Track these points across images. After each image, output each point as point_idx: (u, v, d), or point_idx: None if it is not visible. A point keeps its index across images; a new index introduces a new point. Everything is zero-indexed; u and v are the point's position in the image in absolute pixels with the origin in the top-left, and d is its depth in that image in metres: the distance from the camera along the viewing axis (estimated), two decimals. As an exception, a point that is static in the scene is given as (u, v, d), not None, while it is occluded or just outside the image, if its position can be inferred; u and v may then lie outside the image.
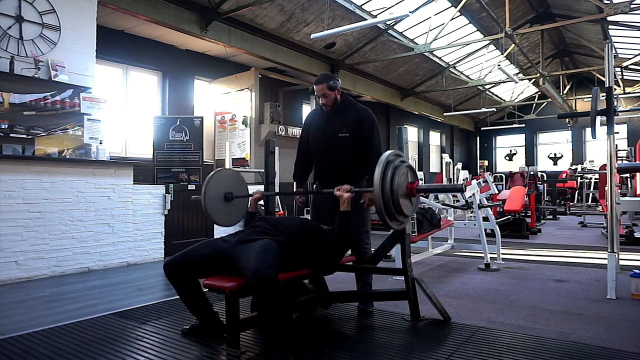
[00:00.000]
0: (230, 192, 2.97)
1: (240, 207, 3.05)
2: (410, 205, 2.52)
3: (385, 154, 2.41)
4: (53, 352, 2.24)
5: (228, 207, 2.96)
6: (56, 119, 4.63)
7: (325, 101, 2.97)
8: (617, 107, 3.65)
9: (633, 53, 11.91)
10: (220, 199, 2.93)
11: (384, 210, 2.32)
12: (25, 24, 4.45)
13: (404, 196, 2.43)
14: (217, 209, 2.89)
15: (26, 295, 3.54)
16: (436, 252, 4.87)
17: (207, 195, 2.83)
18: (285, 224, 2.51)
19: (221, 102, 8.92)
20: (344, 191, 2.56)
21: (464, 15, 9.82)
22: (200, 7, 6.99)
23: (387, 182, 2.33)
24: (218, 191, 2.92)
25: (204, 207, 2.83)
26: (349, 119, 2.98)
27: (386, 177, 2.33)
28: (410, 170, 2.51)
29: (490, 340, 2.39)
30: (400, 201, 2.37)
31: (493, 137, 19.90)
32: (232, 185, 3.02)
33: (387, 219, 2.36)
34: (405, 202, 2.44)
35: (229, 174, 3.11)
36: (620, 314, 2.90)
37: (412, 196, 2.51)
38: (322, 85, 2.94)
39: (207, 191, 2.83)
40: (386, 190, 2.32)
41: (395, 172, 2.38)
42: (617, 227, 3.51)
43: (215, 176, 2.91)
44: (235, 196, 2.99)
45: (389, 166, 2.38)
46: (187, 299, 2.41)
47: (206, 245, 2.42)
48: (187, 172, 6.81)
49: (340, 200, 2.56)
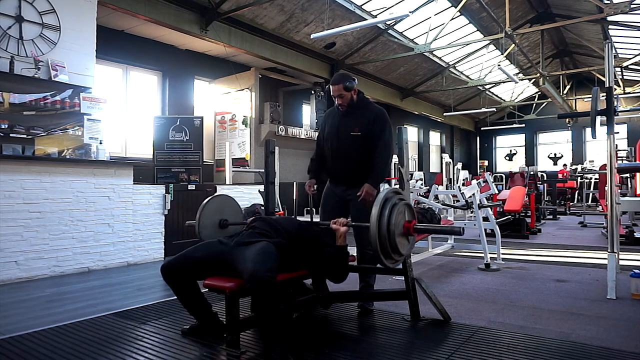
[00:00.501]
0: (225, 218, 2.99)
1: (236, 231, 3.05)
2: (406, 244, 2.48)
3: (383, 193, 2.38)
4: (53, 352, 2.24)
5: (223, 234, 2.94)
6: (56, 119, 4.63)
7: (342, 101, 2.98)
8: (617, 107, 3.65)
9: (633, 53, 11.90)
10: (215, 226, 2.95)
11: (379, 249, 2.28)
12: (25, 24, 4.45)
13: (401, 235, 2.39)
14: (212, 237, 2.87)
15: (26, 295, 3.54)
16: (436, 252, 4.88)
17: (202, 223, 2.85)
18: (283, 225, 2.50)
19: (221, 102, 8.92)
20: (340, 225, 2.53)
21: (464, 15, 9.82)
22: (200, 7, 6.99)
23: (384, 221, 2.29)
24: (213, 218, 2.93)
25: (198, 235, 2.84)
26: (363, 118, 2.98)
27: (383, 216, 2.29)
28: (407, 209, 2.47)
29: (490, 340, 2.39)
30: (396, 240, 2.34)
31: (493, 137, 19.90)
32: (227, 212, 3.03)
33: (383, 258, 2.31)
34: (401, 241, 2.40)
35: (224, 200, 3.11)
36: (620, 314, 2.90)
37: (409, 235, 2.47)
38: (339, 86, 2.94)
39: (202, 219, 2.85)
40: (383, 228, 2.28)
41: (393, 210, 2.33)
42: (617, 227, 3.51)
43: (209, 203, 2.93)
44: (230, 223, 3.00)
45: (386, 204, 2.33)
46: (185, 300, 2.40)
47: (203, 248, 2.41)
48: (187, 172, 6.81)
49: (336, 234, 2.52)
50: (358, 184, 2.98)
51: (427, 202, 5.62)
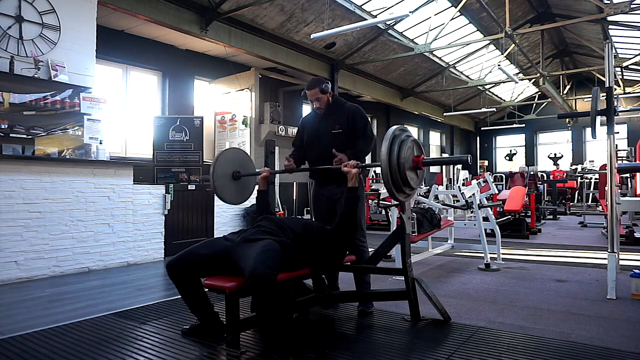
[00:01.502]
0: (238, 170, 3.03)
1: (249, 185, 3.13)
2: (416, 178, 2.59)
3: (391, 129, 2.48)
4: (53, 352, 2.24)
5: (236, 185, 3.03)
6: (56, 119, 4.63)
7: (319, 104, 3.08)
8: (617, 107, 3.65)
9: (633, 53, 11.90)
10: (229, 177, 2.99)
11: (391, 183, 2.38)
12: (25, 24, 4.45)
13: (411, 169, 2.50)
14: (225, 187, 2.96)
15: (26, 295, 3.54)
16: (436, 252, 4.87)
17: (216, 174, 2.89)
18: (289, 225, 2.51)
19: (221, 102, 8.92)
20: (351, 167, 2.62)
21: (464, 15, 9.82)
22: (200, 7, 6.99)
23: (394, 155, 2.39)
24: (226, 170, 2.98)
25: (213, 185, 2.88)
26: (342, 116, 3.07)
27: (393, 151, 2.39)
28: (415, 144, 2.57)
29: (490, 340, 2.39)
30: (407, 174, 2.44)
31: (493, 137, 19.90)
32: (240, 164, 3.08)
33: (395, 191, 2.43)
34: (411, 175, 2.51)
35: (237, 153, 3.16)
36: (620, 314, 2.90)
37: (418, 169, 2.58)
38: (315, 90, 3.04)
39: (216, 170, 2.90)
40: (393, 163, 2.39)
41: (402, 146, 2.44)
42: (617, 227, 3.51)
43: (223, 155, 2.98)
44: (243, 174, 3.05)
45: (395, 140, 2.44)
46: (188, 298, 2.41)
47: (209, 245, 2.42)
48: (187, 172, 6.80)
49: (347, 176, 2.62)
50: (344, 182, 2.99)
51: (427, 202, 5.62)
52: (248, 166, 3.15)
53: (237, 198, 3.09)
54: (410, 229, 2.87)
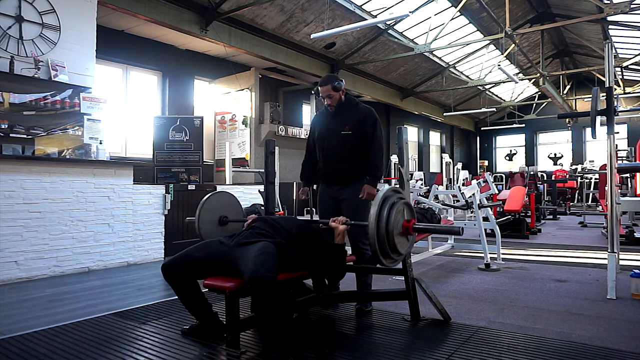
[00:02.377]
0: (225, 215, 2.99)
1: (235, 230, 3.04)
2: (406, 243, 2.46)
3: (382, 191, 2.36)
4: (53, 352, 2.24)
5: (223, 231, 2.95)
6: (56, 119, 4.63)
7: (330, 102, 3.05)
8: (617, 107, 3.65)
9: (633, 53, 11.90)
10: (215, 222, 2.94)
11: (378, 249, 2.26)
12: (25, 24, 4.45)
13: (400, 234, 2.37)
14: (211, 233, 2.89)
15: (26, 295, 3.54)
16: (436, 252, 4.87)
17: (202, 219, 2.85)
18: (283, 225, 2.50)
19: (221, 102, 8.93)
20: (339, 223, 2.52)
21: (464, 15, 9.82)
22: (200, 7, 6.99)
23: (383, 221, 2.27)
24: (212, 215, 2.93)
25: (198, 231, 2.84)
26: (352, 117, 3.04)
27: (382, 216, 2.27)
28: (407, 207, 2.46)
29: (490, 340, 2.39)
30: (395, 239, 2.32)
31: (493, 137, 19.90)
32: (227, 209, 3.03)
33: (381, 257, 2.29)
34: (400, 240, 2.38)
35: (224, 197, 3.11)
36: (620, 314, 2.90)
37: (408, 234, 2.45)
38: (327, 87, 3.01)
39: (202, 215, 2.85)
40: (381, 229, 2.26)
41: (392, 209, 2.31)
42: (617, 227, 3.51)
43: (209, 200, 2.93)
44: (229, 220, 3.00)
45: (385, 203, 2.31)
46: (186, 300, 2.41)
47: (204, 247, 2.41)
48: (187, 172, 6.81)
49: (335, 232, 2.51)
50: (351, 183, 3.02)
51: (427, 202, 5.62)
52: (235, 210, 3.09)
53: None
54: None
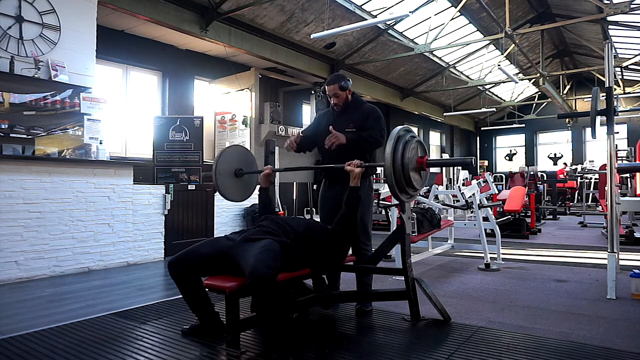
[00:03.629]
0: (241, 168, 3.04)
1: (251, 182, 3.13)
2: (420, 179, 2.59)
3: (396, 130, 2.47)
4: (53, 352, 2.24)
5: (239, 182, 3.04)
6: (56, 119, 4.62)
7: (337, 101, 3.05)
8: (617, 107, 3.65)
9: (633, 53, 11.90)
10: (231, 174, 3.00)
11: (395, 183, 2.38)
12: (25, 24, 4.45)
13: (414, 170, 2.50)
14: (228, 184, 2.97)
15: (26, 295, 3.54)
16: (436, 252, 4.87)
17: (218, 171, 2.90)
18: (291, 224, 2.50)
19: (221, 102, 8.92)
20: (354, 166, 2.61)
21: (464, 15, 9.82)
22: (200, 7, 6.98)
23: (399, 156, 2.40)
24: (228, 167, 2.99)
25: (215, 182, 2.89)
26: (357, 115, 3.04)
27: (397, 151, 2.39)
28: (420, 145, 2.58)
29: (490, 340, 2.39)
30: (410, 175, 2.44)
31: (493, 137, 19.90)
32: (242, 162, 3.09)
33: (398, 192, 2.43)
34: (415, 176, 2.52)
35: (239, 150, 3.17)
36: (620, 314, 2.90)
37: (422, 170, 2.58)
38: (334, 86, 3.01)
39: (218, 167, 2.91)
40: (397, 163, 2.38)
41: (406, 146, 2.44)
42: (617, 227, 3.51)
43: (225, 153, 2.99)
44: (245, 172, 3.05)
45: (399, 141, 2.44)
46: (189, 297, 2.41)
47: (210, 244, 2.43)
48: (187, 172, 6.80)
49: (350, 175, 2.61)
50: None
51: (427, 202, 5.62)
52: (251, 163, 3.15)
53: (239, 195, 3.09)
54: (410, 229, 2.87)
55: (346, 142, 2.90)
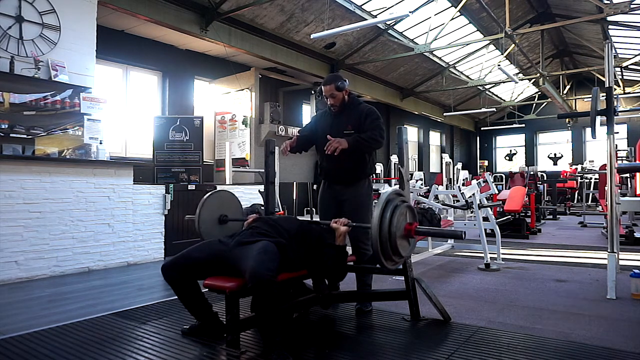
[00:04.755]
0: (225, 214, 3.00)
1: (234, 229, 3.04)
2: (407, 247, 2.46)
3: (386, 193, 2.36)
4: (53, 352, 2.24)
5: (222, 230, 2.96)
6: (56, 119, 4.62)
7: (333, 102, 3.01)
8: (617, 107, 3.65)
9: (633, 53, 11.90)
10: (215, 221, 2.95)
11: (380, 251, 2.26)
12: (25, 24, 4.45)
13: (402, 237, 2.37)
14: (210, 231, 2.91)
15: (26, 295, 3.54)
16: (436, 252, 4.88)
17: (202, 218, 2.86)
18: (283, 225, 2.50)
19: (221, 102, 8.93)
20: (340, 224, 2.52)
21: (464, 15, 9.82)
22: (200, 7, 6.99)
23: (386, 223, 2.26)
24: (212, 214, 2.94)
25: (198, 229, 2.85)
26: (355, 116, 3.01)
27: (385, 218, 2.27)
28: (409, 210, 2.45)
29: (490, 340, 2.39)
30: (397, 242, 2.32)
31: (493, 137, 19.90)
32: (227, 208, 3.04)
33: (383, 260, 2.29)
34: (402, 243, 2.38)
35: (224, 196, 3.12)
36: (620, 313, 2.90)
37: (410, 237, 2.44)
38: (330, 86, 2.97)
39: (202, 213, 2.86)
40: (384, 231, 2.26)
41: (395, 212, 2.31)
42: (617, 227, 3.51)
43: (209, 198, 2.93)
44: (229, 219, 3.00)
45: (388, 206, 2.31)
46: (186, 300, 2.40)
47: (204, 248, 2.41)
48: (187, 172, 6.81)
49: (336, 233, 2.50)
50: (353, 183, 3.02)
51: (427, 202, 5.62)
52: (235, 209, 3.10)
53: None
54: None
55: (347, 146, 2.85)
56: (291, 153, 3.18)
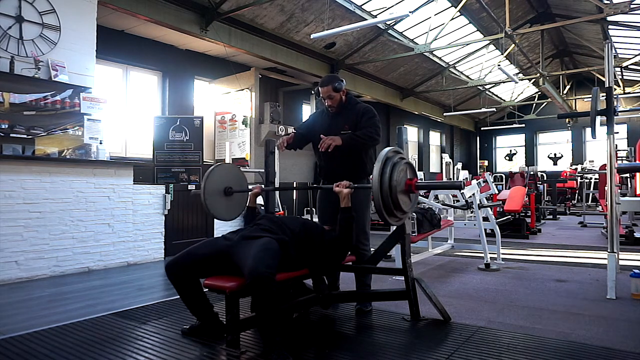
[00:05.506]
0: (230, 186, 3.01)
1: (240, 201, 3.09)
2: (409, 202, 2.52)
3: (384, 151, 2.41)
4: (53, 352, 2.24)
5: (227, 201, 2.99)
6: (56, 119, 4.62)
7: (331, 102, 3.02)
8: (617, 107, 3.65)
9: (633, 53, 11.90)
10: (220, 193, 2.97)
11: (382, 206, 2.32)
12: (25, 24, 4.45)
13: (403, 192, 2.43)
14: (216, 203, 2.93)
15: (26, 295, 3.54)
16: (436, 252, 4.87)
17: (207, 190, 2.87)
18: (288, 224, 2.51)
19: (221, 102, 8.93)
20: (342, 187, 2.56)
21: (464, 15, 9.82)
22: (200, 7, 6.99)
23: (386, 178, 2.33)
24: (218, 186, 2.96)
25: (204, 201, 2.86)
26: (351, 116, 3.02)
27: (385, 174, 2.33)
28: (409, 167, 2.52)
29: (490, 340, 2.39)
30: (398, 197, 2.38)
31: (493, 137, 19.90)
32: (232, 180, 3.05)
33: (386, 215, 2.37)
34: (404, 199, 2.45)
35: (229, 168, 3.15)
36: (620, 314, 2.90)
37: (411, 192, 2.51)
38: (328, 87, 2.98)
39: (207, 185, 2.87)
40: (385, 186, 2.32)
41: (394, 168, 2.38)
42: (617, 227, 3.51)
43: (215, 171, 2.95)
44: (234, 191, 3.02)
45: (387, 163, 2.38)
46: (188, 299, 2.41)
47: (208, 245, 2.42)
48: (187, 172, 6.80)
49: (339, 196, 2.55)
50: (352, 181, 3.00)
51: (427, 202, 5.62)
52: (240, 182, 3.11)
53: (227, 214, 3.04)
54: (410, 229, 2.87)
55: (341, 143, 2.86)
56: (287, 149, 3.16)
